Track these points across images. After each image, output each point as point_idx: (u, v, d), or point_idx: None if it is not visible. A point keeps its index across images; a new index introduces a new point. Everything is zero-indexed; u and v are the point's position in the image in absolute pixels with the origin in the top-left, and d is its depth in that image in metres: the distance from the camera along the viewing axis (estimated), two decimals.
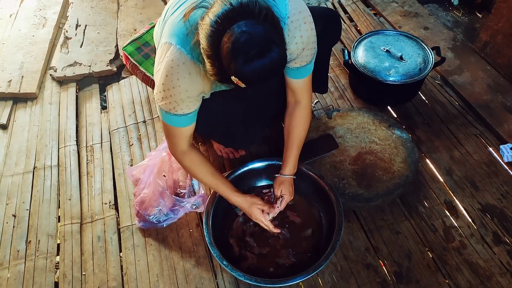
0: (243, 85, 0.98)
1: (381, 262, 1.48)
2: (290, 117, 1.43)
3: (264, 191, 1.61)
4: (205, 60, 1.01)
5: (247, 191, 1.59)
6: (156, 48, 1.46)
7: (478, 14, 2.51)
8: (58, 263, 1.55)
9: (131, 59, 1.89)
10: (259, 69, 0.94)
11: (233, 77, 0.96)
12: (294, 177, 1.46)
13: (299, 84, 1.36)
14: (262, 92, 1.46)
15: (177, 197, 1.55)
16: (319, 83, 1.75)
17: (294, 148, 1.44)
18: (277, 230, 1.43)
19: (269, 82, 1.03)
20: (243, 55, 0.92)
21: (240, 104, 1.43)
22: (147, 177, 1.56)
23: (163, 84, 1.13)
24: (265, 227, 1.43)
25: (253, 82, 0.98)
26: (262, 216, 1.41)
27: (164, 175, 1.57)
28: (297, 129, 1.43)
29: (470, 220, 1.58)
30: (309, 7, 1.24)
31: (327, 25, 1.46)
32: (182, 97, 1.15)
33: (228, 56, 0.93)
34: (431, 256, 1.49)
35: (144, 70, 1.86)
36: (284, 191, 1.44)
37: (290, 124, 1.44)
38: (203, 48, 0.99)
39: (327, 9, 1.61)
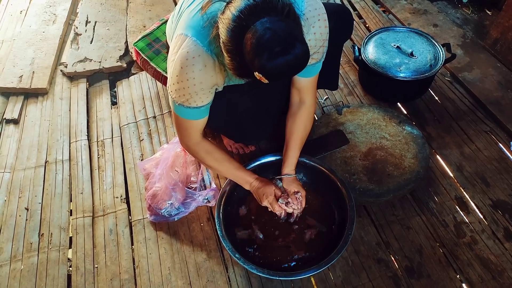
0: (266, 81, 0.98)
1: (392, 257, 1.49)
2: (293, 117, 1.44)
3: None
4: (224, 54, 1.01)
5: None
6: (169, 41, 1.47)
7: (488, 12, 2.50)
8: (70, 258, 1.57)
9: (142, 54, 1.91)
10: (283, 65, 0.95)
11: (256, 73, 0.97)
12: (296, 175, 1.47)
13: (305, 83, 1.37)
14: (273, 88, 1.47)
15: (190, 190, 1.56)
16: (330, 79, 1.75)
17: (296, 148, 1.45)
18: (289, 210, 1.43)
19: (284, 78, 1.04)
20: (268, 51, 0.92)
21: (251, 100, 1.43)
22: (160, 171, 1.57)
23: (177, 76, 1.13)
24: (276, 210, 1.42)
25: (277, 78, 0.98)
26: (276, 202, 1.41)
27: (176, 170, 1.58)
28: (299, 130, 1.44)
29: (481, 216, 1.58)
30: (322, 3, 1.25)
31: (340, 21, 1.46)
32: (196, 90, 1.15)
33: (252, 52, 0.94)
34: (442, 251, 1.49)
35: (154, 66, 1.88)
36: (297, 189, 1.44)
37: (293, 124, 1.44)
38: (223, 42, 0.99)
39: (340, 6, 1.62)
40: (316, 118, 1.94)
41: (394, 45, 1.90)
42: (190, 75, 1.11)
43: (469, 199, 1.63)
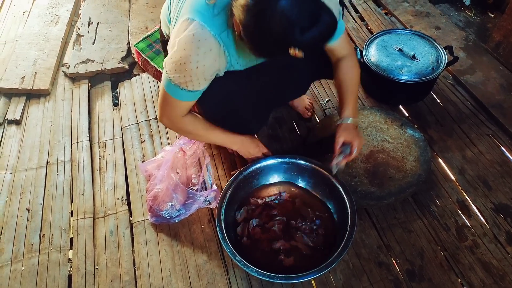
0: (301, 55, 1.00)
1: (393, 260, 1.48)
2: (338, 69, 1.47)
3: (267, 199, 1.57)
4: (245, 39, 1.03)
5: (258, 189, 1.61)
6: (163, 27, 1.50)
7: (490, 14, 2.50)
8: (70, 259, 1.57)
9: (143, 55, 1.92)
10: (317, 37, 0.98)
11: (291, 50, 0.98)
12: (357, 123, 1.46)
13: (336, 44, 1.39)
14: (272, 74, 1.46)
15: (191, 190, 1.56)
16: (329, 68, 1.72)
17: (349, 92, 1.44)
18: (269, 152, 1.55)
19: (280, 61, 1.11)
20: (298, 26, 0.95)
21: (250, 86, 1.41)
22: (162, 172, 1.57)
23: (180, 56, 1.12)
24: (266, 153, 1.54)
25: (313, 50, 1.02)
26: (262, 147, 1.53)
27: (177, 172, 1.58)
28: (348, 75, 1.45)
29: (483, 219, 1.58)
30: None
31: None
32: (198, 73, 1.14)
33: (282, 30, 0.95)
34: (443, 255, 1.49)
35: (155, 65, 1.89)
36: (351, 137, 1.40)
37: (340, 73, 1.46)
38: (243, 26, 1.00)
39: None
40: (318, 120, 1.94)
41: (396, 48, 1.90)
42: (195, 58, 1.11)
43: (471, 203, 1.62)
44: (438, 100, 2.01)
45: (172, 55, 1.15)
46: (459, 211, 1.60)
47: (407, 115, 1.95)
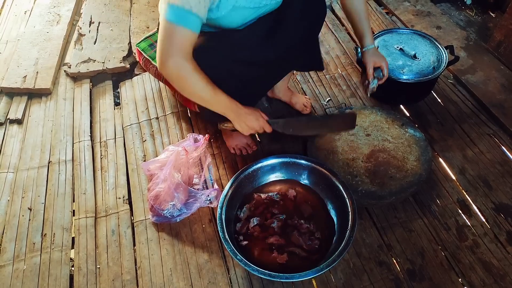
0: None
1: (394, 260, 1.48)
2: (344, 1, 1.59)
3: (271, 194, 1.59)
4: None
5: (259, 188, 1.61)
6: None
7: (491, 14, 2.50)
8: (72, 259, 1.58)
9: (144, 54, 1.92)
10: None
11: None
12: (376, 46, 1.68)
13: None
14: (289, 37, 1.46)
15: (192, 189, 1.56)
16: (314, 60, 1.73)
17: (362, 19, 1.59)
18: (268, 130, 1.45)
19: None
20: None
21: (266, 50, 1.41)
22: (164, 171, 1.57)
23: None
24: (268, 130, 1.45)
25: None
26: (267, 123, 1.43)
27: (179, 171, 1.59)
28: (358, 5, 1.57)
29: (483, 219, 1.58)
30: None
31: (310, 9, 1.46)
32: None
33: None
34: (444, 254, 1.49)
35: (156, 65, 1.89)
36: (379, 60, 1.63)
37: (346, 4, 1.59)
38: None
39: None
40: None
41: (397, 47, 1.90)
42: None
43: (472, 202, 1.63)
44: (439, 100, 2.01)
45: None
46: (460, 211, 1.60)
47: (408, 114, 1.96)
